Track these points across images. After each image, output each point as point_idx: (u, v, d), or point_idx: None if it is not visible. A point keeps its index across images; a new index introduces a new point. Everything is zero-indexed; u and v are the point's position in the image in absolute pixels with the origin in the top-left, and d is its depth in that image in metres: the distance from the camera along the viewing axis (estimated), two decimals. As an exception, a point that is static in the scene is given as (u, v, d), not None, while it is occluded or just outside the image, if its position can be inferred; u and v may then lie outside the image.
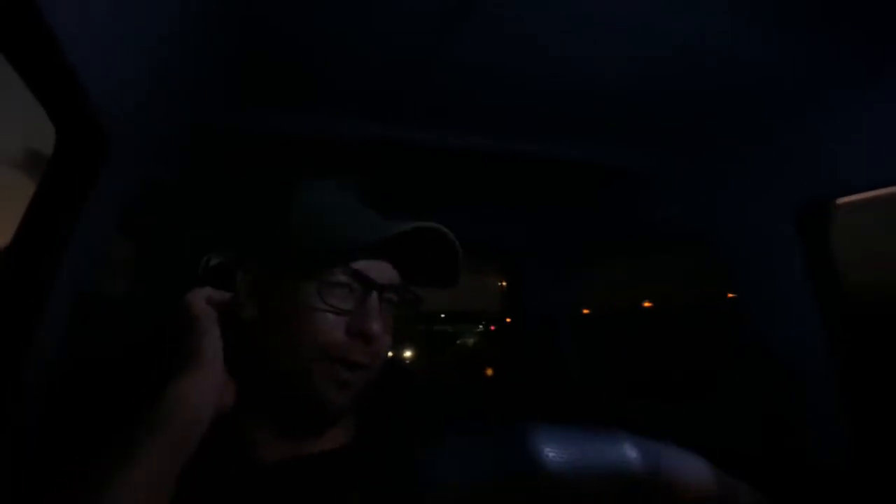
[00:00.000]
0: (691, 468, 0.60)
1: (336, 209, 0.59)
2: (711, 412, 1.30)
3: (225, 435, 0.55)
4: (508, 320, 2.30)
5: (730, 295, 1.25)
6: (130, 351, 0.81)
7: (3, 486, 0.63)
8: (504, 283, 2.27)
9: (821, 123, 1.00)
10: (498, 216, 1.89)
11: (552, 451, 0.58)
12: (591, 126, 1.18)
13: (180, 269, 1.53)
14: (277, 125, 1.15)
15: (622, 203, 1.58)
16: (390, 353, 0.62)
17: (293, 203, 0.60)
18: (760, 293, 1.18)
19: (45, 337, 0.70)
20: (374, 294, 0.56)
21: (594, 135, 1.22)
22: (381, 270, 0.58)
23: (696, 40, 0.83)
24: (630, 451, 0.59)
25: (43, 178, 0.73)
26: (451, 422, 0.66)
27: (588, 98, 1.05)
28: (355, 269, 0.56)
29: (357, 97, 1.07)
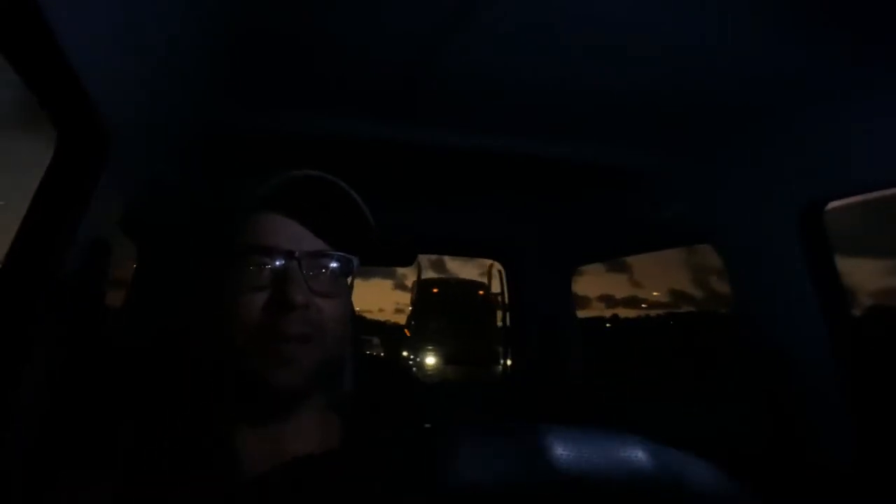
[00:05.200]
0: (701, 472, 0.61)
1: (238, 190, 0.60)
2: (713, 411, 1.30)
3: (208, 444, 0.55)
4: (509, 320, 2.30)
5: (730, 295, 1.25)
6: (131, 357, 0.81)
7: (2, 487, 0.63)
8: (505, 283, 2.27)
9: (821, 124, 0.99)
10: (499, 216, 1.89)
11: (566, 452, 0.59)
12: (591, 126, 1.18)
13: (181, 270, 1.52)
14: (277, 125, 1.15)
15: (622, 203, 1.58)
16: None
17: (215, 196, 0.63)
18: (760, 293, 1.18)
19: (45, 337, 0.70)
20: (293, 264, 0.56)
21: (595, 135, 1.22)
22: (293, 239, 0.57)
23: (696, 41, 0.83)
24: (641, 454, 0.60)
25: (43, 179, 0.73)
26: (464, 423, 0.66)
27: (588, 98, 1.05)
28: (261, 242, 0.56)
29: (357, 97, 1.07)
